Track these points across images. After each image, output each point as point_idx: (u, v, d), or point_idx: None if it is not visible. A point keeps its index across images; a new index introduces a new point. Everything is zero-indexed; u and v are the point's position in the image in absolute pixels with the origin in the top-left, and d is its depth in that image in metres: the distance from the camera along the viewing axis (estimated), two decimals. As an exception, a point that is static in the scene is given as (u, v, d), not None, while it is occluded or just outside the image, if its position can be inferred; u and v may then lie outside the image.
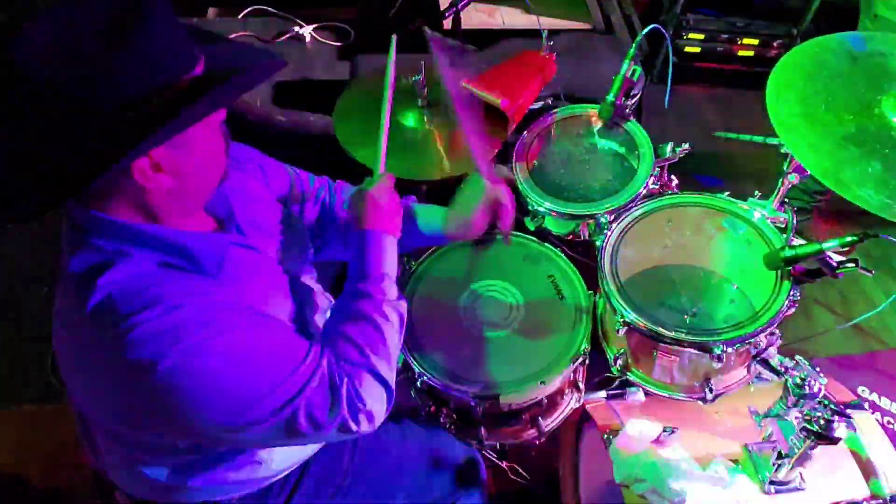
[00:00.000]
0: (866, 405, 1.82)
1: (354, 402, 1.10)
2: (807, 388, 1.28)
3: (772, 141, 1.59)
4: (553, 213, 1.77)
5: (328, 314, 1.27)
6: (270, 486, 1.32)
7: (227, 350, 1.00)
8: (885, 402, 1.94)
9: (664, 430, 1.49)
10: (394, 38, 1.48)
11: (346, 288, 1.26)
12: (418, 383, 1.65)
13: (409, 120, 1.90)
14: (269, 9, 3.19)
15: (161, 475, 1.20)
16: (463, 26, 2.29)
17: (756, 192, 1.72)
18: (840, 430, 1.24)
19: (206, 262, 1.06)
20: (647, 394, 1.63)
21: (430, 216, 1.51)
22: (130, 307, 0.96)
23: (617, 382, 1.72)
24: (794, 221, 1.55)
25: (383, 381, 1.16)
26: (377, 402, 1.14)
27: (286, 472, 1.35)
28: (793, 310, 1.48)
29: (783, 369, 1.37)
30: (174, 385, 0.97)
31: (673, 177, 1.85)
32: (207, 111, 0.98)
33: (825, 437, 1.25)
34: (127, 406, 1.03)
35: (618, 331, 1.54)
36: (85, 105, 0.90)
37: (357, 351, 1.15)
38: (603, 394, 1.70)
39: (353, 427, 1.11)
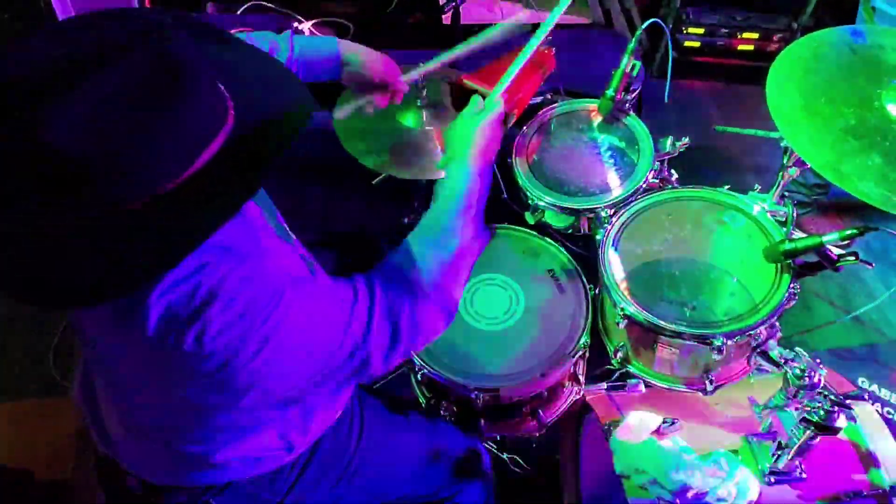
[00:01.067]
0: (866, 396, 1.83)
1: (416, 330, 1.13)
2: (807, 379, 1.28)
3: (772, 134, 1.59)
4: (555, 208, 1.77)
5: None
6: (280, 470, 1.33)
7: (297, 313, 1.01)
8: (884, 393, 1.95)
9: (664, 422, 1.49)
10: None
11: (440, 206, 1.27)
12: (419, 376, 1.66)
13: (408, 120, 1.90)
14: (268, 4, 3.19)
15: (194, 450, 1.21)
16: (462, 21, 2.29)
17: (756, 185, 1.72)
18: (840, 420, 1.25)
19: (240, 245, 1.04)
20: (647, 385, 1.64)
21: None
22: (192, 308, 0.95)
23: (617, 374, 1.72)
24: (794, 215, 1.55)
25: (449, 311, 1.20)
26: (436, 330, 1.19)
27: (297, 455, 1.36)
28: (793, 303, 1.49)
29: (783, 361, 1.38)
30: (266, 363, 0.99)
31: (673, 171, 1.86)
32: (255, 183, 0.95)
33: (825, 427, 1.26)
34: (218, 394, 1.04)
35: (618, 324, 1.55)
36: (122, 187, 0.85)
37: (431, 278, 1.17)
38: (603, 386, 1.71)
39: (416, 347, 1.18)
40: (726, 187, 1.70)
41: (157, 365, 1.02)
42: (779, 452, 1.38)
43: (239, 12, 3.19)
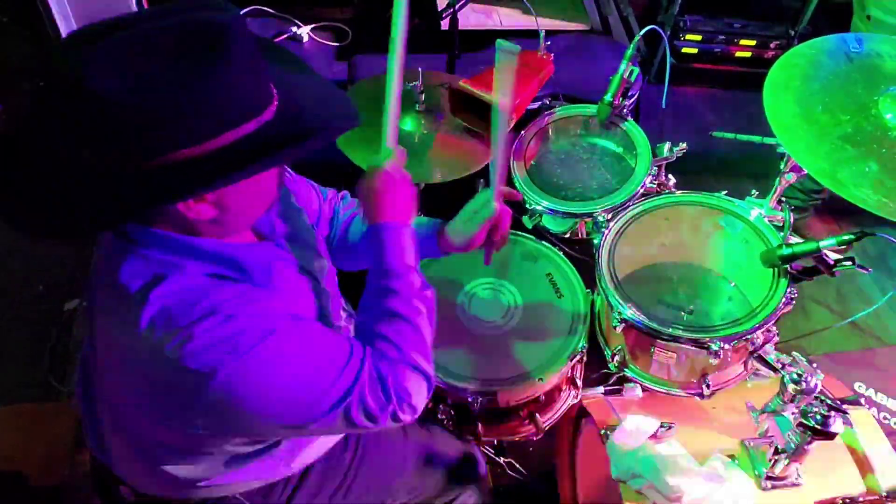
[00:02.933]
0: (863, 401, 1.84)
1: (401, 395, 1.11)
2: (803, 383, 1.28)
3: (769, 140, 1.60)
4: (553, 212, 1.78)
5: (353, 315, 1.26)
6: (275, 483, 1.33)
7: (284, 354, 1.01)
8: (881, 398, 1.95)
9: (661, 426, 1.49)
10: None
11: (371, 284, 1.24)
12: (417, 380, 1.66)
13: (407, 124, 1.91)
14: (267, 9, 3.20)
15: (181, 472, 1.21)
16: (460, 27, 2.29)
17: (753, 190, 1.73)
18: (836, 425, 1.25)
19: (255, 272, 1.06)
20: (644, 390, 1.64)
21: (425, 229, 1.46)
22: (188, 318, 0.96)
23: (614, 379, 1.73)
24: (791, 220, 1.56)
25: (423, 373, 1.17)
26: (419, 395, 1.15)
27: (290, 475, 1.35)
28: (790, 307, 1.49)
29: (780, 365, 1.38)
30: (237, 391, 0.98)
31: (671, 176, 1.86)
32: (269, 167, 0.98)
33: (822, 432, 1.25)
34: (183, 411, 1.03)
35: (615, 328, 1.55)
36: (152, 140, 0.88)
37: (395, 349, 1.15)
38: (600, 390, 1.71)
39: (402, 417, 1.13)
40: (724, 192, 1.71)
41: (141, 366, 1.02)
42: (775, 457, 1.38)
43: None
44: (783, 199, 1.69)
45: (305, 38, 3.14)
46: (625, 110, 1.87)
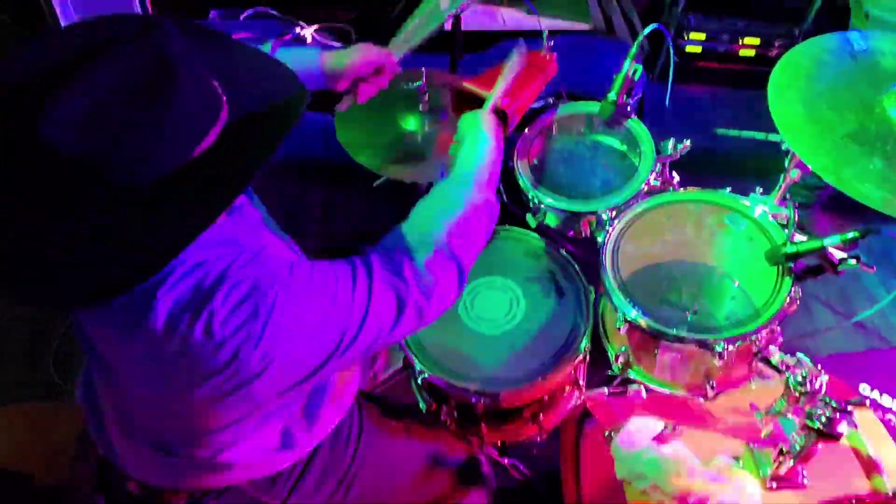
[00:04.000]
0: (867, 402, 1.83)
1: (424, 286, 1.13)
2: (808, 385, 1.28)
3: (773, 137, 1.59)
4: (557, 210, 1.77)
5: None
6: (279, 473, 1.33)
7: (304, 288, 1.02)
8: (886, 399, 1.94)
9: (665, 427, 1.49)
10: None
11: (455, 170, 1.34)
12: (419, 380, 1.65)
13: (410, 123, 1.91)
14: (271, 10, 3.20)
15: (195, 455, 1.21)
16: (463, 27, 2.29)
17: (758, 187, 1.72)
18: (841, 426, 1.24)
19: (243, 240, 1.06)
20: (648, 391, 1.63)
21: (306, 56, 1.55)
22: (200, 297, 0.97)
23: (618, 380, 1.72)
24: (796, 217, 1.55)
25: (455, 261, 1.19)
26: (447, 283, 1.17)
27: (294, 462, 1.35)
28: (794, 307, 1.48)
29: (784, 366, 1.37)
30: (275, 343, 0.99)
31: (675, 174, 1.85)
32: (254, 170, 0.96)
33: (826, 433, 1.25)
34: (231, 382, 1.02)
35: (619, 328, 1.54)
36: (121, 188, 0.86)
37: (441, 231, 1.19)
38: (604, 391, 1.70)
39: (427, 310, 1.15)
40: (728, 190, 1.70)
41: (165, 364, 1.01)
42: (780, 459, 1.37)
43: (242, 18, 3.20)
44: (788, 196, 1.68)
45: (309, 39, 3.14)
46: (628, 108, 1.86)
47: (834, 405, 1.26)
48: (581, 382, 1.76)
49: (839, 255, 1.41)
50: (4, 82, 0.83)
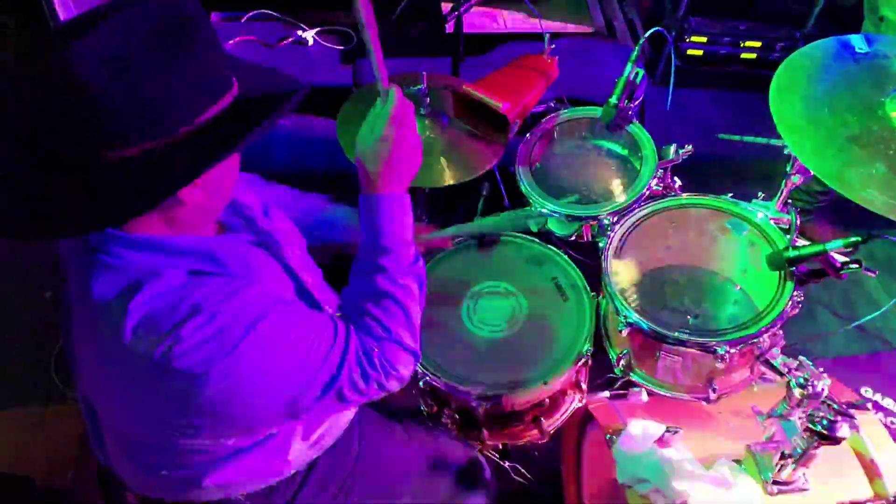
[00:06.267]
0: (870, 405, 1.83)
1: (387, 369, 1.17)
2: (810, 388, 1.28)
3: (775, 142, 1.59)
4: (559, 215, 1.77)
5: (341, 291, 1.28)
6: (278, 484, 1.32)
7: (272, 342, 1.02)
8: (888, 403, 1.94)
9: (667, 431, 1.49)
10: None
11: (362, 258, 1.23)
12: (421, 384, 1.65)
13: (411, 128, 1.90)
14: (272, 13, 3.21)
15: (180, 475, 1.21)
16: (465, 30, 2.29)
17: (760, 192, 1.72)
18: (843, 430, 1.24)
19: (231, 263, 1.07)
20: (649, 394, 1.63)
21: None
22: (171, 321, 0.97)
23: (620, 383, 1.72)
24: (798, 222, 1.55)
25: (409, 349, 1.21)
26: (405, 367, 1.21)
27: (294, 471, 1.35)
28: (796, 311, 1.48)
29: (786, 370, 1.37)
30: (230, 386, 0.99)
31: (676, 178, 1.86)
32: (262, 132, 0.98)
33: (828, 437, 1.25)
34: (181, 415, 1.04)
35: (621, 331, 1.55)
36: (143, 124, 0.90)
37: (380, 327, 1.19)
38: (606, 394, 1.70)
39: (388, 387, 1.19)
40: (730, 195, 1.70)
41: (130, 377, 1.02)
42: (782, 462, 1.37)
43: (243, 20, 3.21)
44: (790, 201, 1.68)
45: (311, 42, 3.15)
46: (630, 112, 1.86)
47: (836, 408, 1.26)
48: (583, 385, 1.77)
49: (841, 259, 1.41)
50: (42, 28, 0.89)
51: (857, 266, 1.40)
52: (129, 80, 0.87)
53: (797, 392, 1.29)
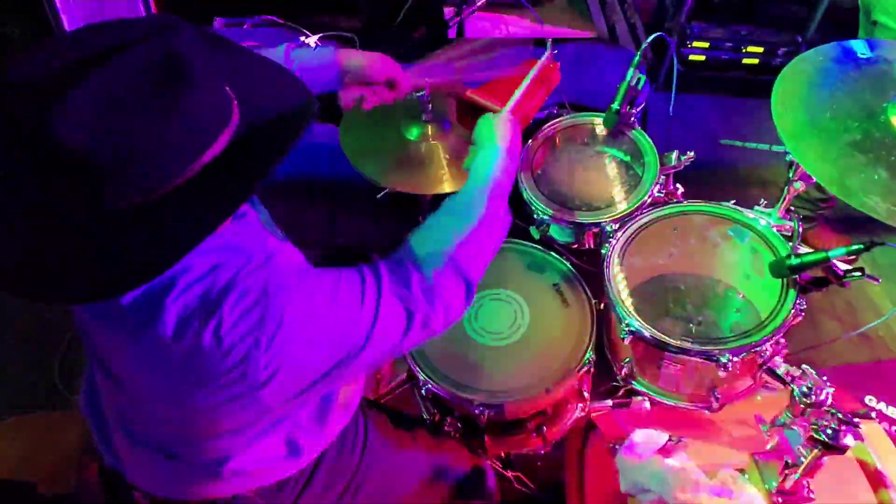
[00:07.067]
0: (874, 414, 1.81)
1: (432, 299, 1.13)
2: (813, 397, 1.27)
3: (777, 148, 1.59)
4: (560, 222, 1.77)
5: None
6: (287, 480, 1.32)
7: (308, 298, 1.02)
8: (892, 411, 1.93)
9: (670, 440, 1.48)
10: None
11: (467, 185, 1.32)
12: (423, 391, 1.65)
13: (413, 134, 1.90)
14: (275, 18, 3.21)
15: (202, 461, 1.21)
16: (467, 35, 2.29)
17: (762, 199, 1.71)
18: (847, 439, 1.23)
19: (250, 246, 1.06)
20: (652, 403, 1.63)
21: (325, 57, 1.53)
22: (207, 305, 0.97)
23: (622, 391, 1.71)
24: (800, 229, 1.54)
25: (463, 276, 1.19)
26: (455, 297, 1.18)
27: (301, 469, 1.35)
28: (799, 318, 1.48)
29: (790, 378, 1.37)
30: (283, 350, 0.99)
31: (678, 185, 1.85)
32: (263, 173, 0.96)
33: (832, 446, 1.24)
34: (248, 391, 1.02)
35: (623, 339, 1.54)
36: (138, 178, 0.86)
37: (450, 245, 1.19)
38: (608, 402, 1.69)
39: (434, 323, 1.15)
40: (732, 202, 1.69)
41: (173, 369, 1.02)
42: (786, 472, 1.36)
43: (246, 27, 3.22)
44: (792, 208, 1.68)
45: (313, 47, 3.15)
46: (632, 118, 1.86)
47: (840, 417, 1.25)
48: (585, 394, 1.76)
49: (844, 266, 1.40)
50: (17, 81, 0.82)
51: (859, 274, 1.40)
52: (117, 137, 0.83)
53: (800, 401, 1.29)
